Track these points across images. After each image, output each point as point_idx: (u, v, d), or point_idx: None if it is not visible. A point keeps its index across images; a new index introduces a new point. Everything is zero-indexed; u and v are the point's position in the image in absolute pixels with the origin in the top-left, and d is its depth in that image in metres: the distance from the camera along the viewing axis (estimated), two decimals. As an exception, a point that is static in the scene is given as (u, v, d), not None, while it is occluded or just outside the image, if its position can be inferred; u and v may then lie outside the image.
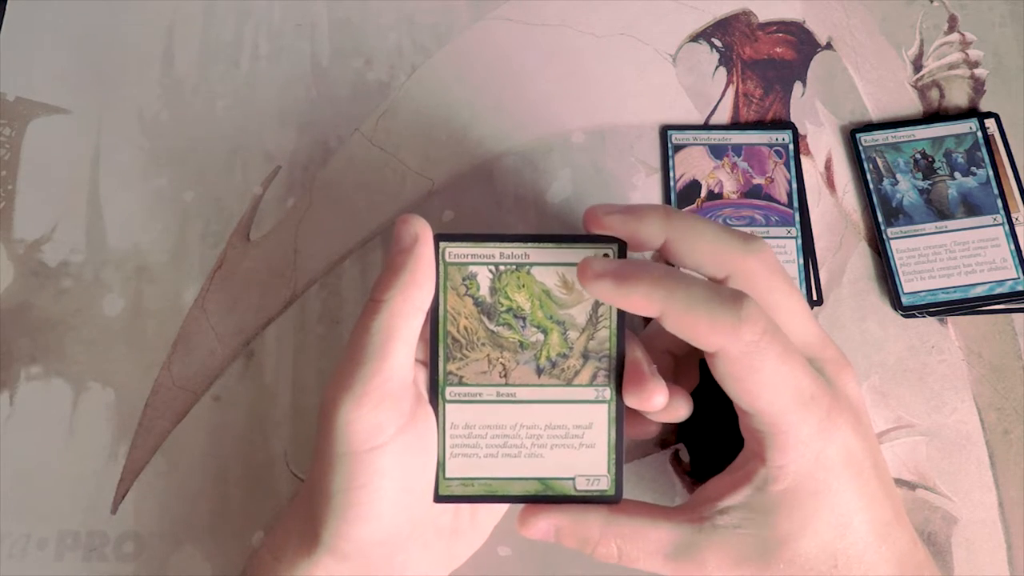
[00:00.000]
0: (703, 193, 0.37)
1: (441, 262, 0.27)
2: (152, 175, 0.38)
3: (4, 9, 0.40)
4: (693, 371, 0.31)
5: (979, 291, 0.35)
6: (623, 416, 0.28)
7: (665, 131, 0.38)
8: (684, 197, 0.37)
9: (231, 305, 0.36)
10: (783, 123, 0.38)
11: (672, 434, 0.34)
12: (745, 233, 0.27)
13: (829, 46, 0.40)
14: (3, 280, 0.36)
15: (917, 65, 0.39)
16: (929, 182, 0.37)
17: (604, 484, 0.28)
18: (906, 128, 0.38)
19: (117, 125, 0.38)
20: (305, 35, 0.40)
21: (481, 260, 0.28)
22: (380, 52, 0.40)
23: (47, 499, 0.33)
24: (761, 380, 0.24)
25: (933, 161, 0.37)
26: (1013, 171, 0.37)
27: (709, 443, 0.34)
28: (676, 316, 0.24)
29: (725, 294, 0.25)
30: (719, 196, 0.37)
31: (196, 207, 0.37)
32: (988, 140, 0.37)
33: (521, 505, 0.28)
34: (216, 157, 0.38)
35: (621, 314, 0.28)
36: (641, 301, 0.25)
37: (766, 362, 0.24)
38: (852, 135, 0.38)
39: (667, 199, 0.37)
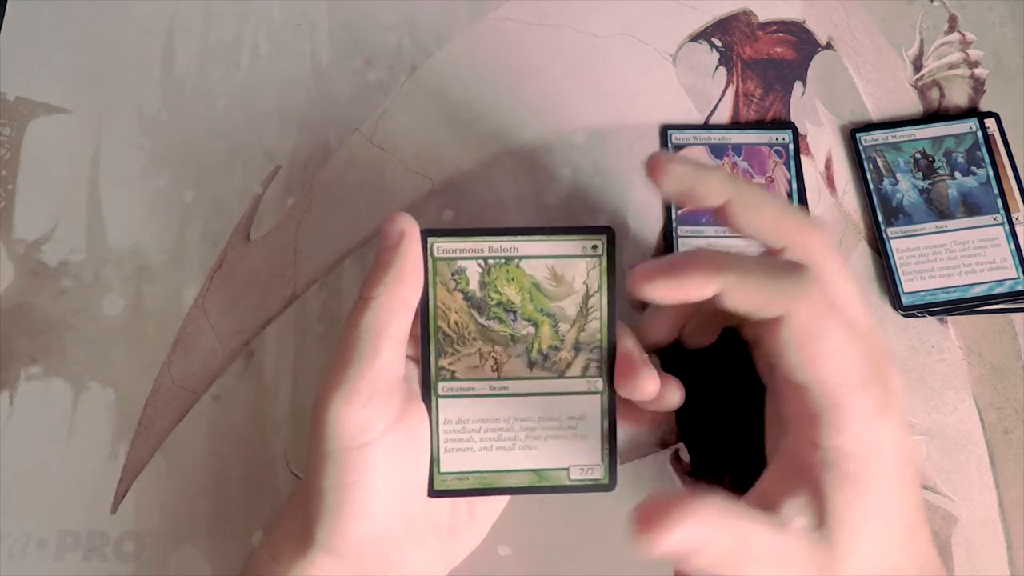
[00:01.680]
0: (703, 193, 0.37)
1: (429, 257, 0.27)
2: (152, 175, 0.38)
3: (4, 9, 0.40)
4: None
5: (979, 291, 0.35)
6: (615, 406, 0.28)
7: (665, 131, 0.38)
8: (684, 197, 0.37)
9: (231, 305, 0.36)
10: (783, 123, 0.38)
11: (672, 434, 0.34)
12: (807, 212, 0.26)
13: (829, 46, 0.40)
14: (3, 280, 0.36)
15: (917, 65, 0.39)
16: (929, 182, 0.37)
17: (598, 473, 0.29)
18: (906, 128, 0.38)
19: (117, 125, 0.38)
20: (305, 35, 0.40)
21: (470, 254, 0.28)
22: (380, 52, 0.40)
23: (47, 499, 0.33)
24: (824, 347, 0.23)
25: (933, 161, 0.37)
26: (1013, 171, 0.37)
27: (711, 441, 0.34)
28: (739, 290, 0.24)
29: (786, 262, 0.24)
30: (720, 196, 0.37)
31: (196, 207, 0.37)
32: (988, 140, 0.37)
33: (518, 503, 0.29)
34: (216, 157, 0.38)
35: (612, 305, 0.28)
36: (701, 286, 0.24)
37: (830, 328, 0.23)
38: (852, 135, 0.38)
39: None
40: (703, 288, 0.24)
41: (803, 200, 0.37)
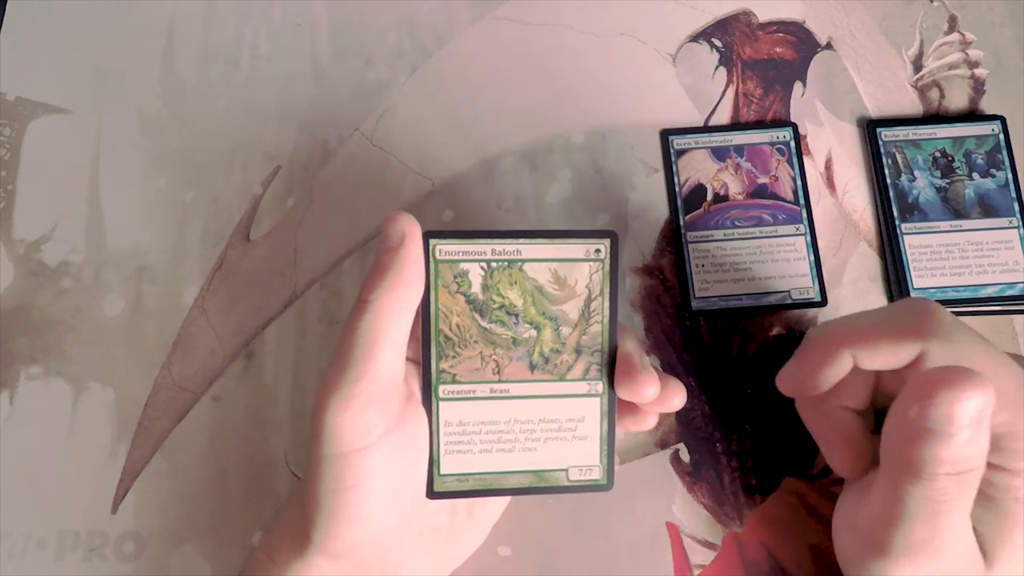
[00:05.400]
0: (709, 196, 0.37)
1: (431, 260, 0.27)
2: (152, 175, 0.38)
3: (4, 9, 0.40)
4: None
5: (990, 292, 0.35)
6: (615, 408, 0.28)
7: (666, 136, 0.38)
8: (690, 202, 0.37)
9: (231, 305, 0.36)
10: (783, 121, 0.38)
11: (672, 434, 0.34)
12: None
13: (829, 46, 0.40)
14: (3, 280, 0.36)
15: (917, 65, 0.39)
16: (947, 181, 0.37)
17: (596, 474, 0.29)
18: (927, 126, 0.38)
19: (117, 125, 0.38)
20: (305, 35, 0.40)
21: (472, 257, 0.28)
22: (380, 52, 0.40)
23: (47, 499, 0.33)
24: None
25: (952, 160, 0.37)
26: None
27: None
28: (869, 356, 0.27)
29: (901, 308, 0.27)
30: (725, 198, 0.37)
31: (196, 207, 0.37)
32: (1010, 143, 0.37)
33: (519, 501, 0.29)
34: (216, 157, 0.38)
35: (613, 308, 0.28)
36: (834, 370, 0.27)
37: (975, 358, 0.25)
38: (871, 128, 0.38)
39: (673, 205, 0.37)
40: (838, 371, 0.27)
41: (806, 197, 0.37)
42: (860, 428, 0.29)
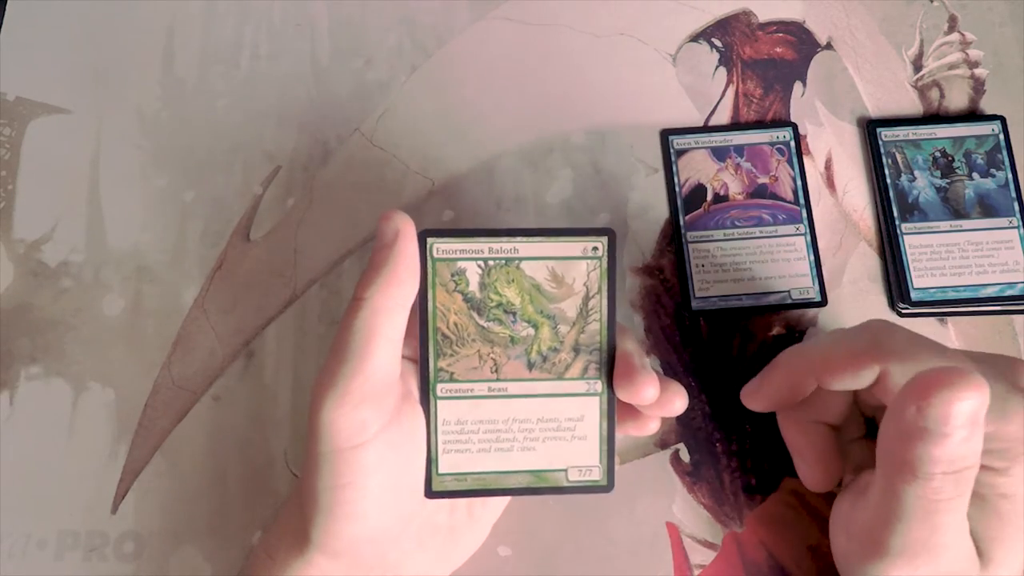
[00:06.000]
0: (709, 196, 0.37)
1: (429, 258, 0.27)
2: (152, 175, 0.38)
3: (4, 9, 0.40)
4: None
5: (990, 292, 0.35)
6: (614, 408, 0.28)
7: (666, 136, 0.38)
8: (690, 202, 0.37)
9: (231, 305, 0.36)
10: (783, 121, 0.38)
11: (672, 434, 0.34)
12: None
13: (829, 46, 0.40)
14: (3, 280, 0.36)
15: (917, 65, 0.39)
16: (947, 181, 0.37)
17: (596, 474, 0.29)
18: (927, 126, 0.38)
19: (117, 125, 0.38)
20: (305, 35, 0.40)
21: (470, 255, 0.28)
22: (380, 52, 0.40)
23: (47, 499, 0.33)
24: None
25: (952, 160, 0.37)
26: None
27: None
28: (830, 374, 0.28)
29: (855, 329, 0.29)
30: (725, 198, 0.37)
31: (196, 207, 0.37)
32: (1010, 143, 0.37)
33: (518, 501, 0.28)
34: (216, 157, 0.38)
35: (611, 307, 0.28)
36: (793, 395, 0.30)
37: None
38: (871, 128, 0.38)
39: (673, 205, 0.37)
40: (799, 395, 0.29)
41: (806, 197, 0.37)
42: (833, 443, 0.30)
